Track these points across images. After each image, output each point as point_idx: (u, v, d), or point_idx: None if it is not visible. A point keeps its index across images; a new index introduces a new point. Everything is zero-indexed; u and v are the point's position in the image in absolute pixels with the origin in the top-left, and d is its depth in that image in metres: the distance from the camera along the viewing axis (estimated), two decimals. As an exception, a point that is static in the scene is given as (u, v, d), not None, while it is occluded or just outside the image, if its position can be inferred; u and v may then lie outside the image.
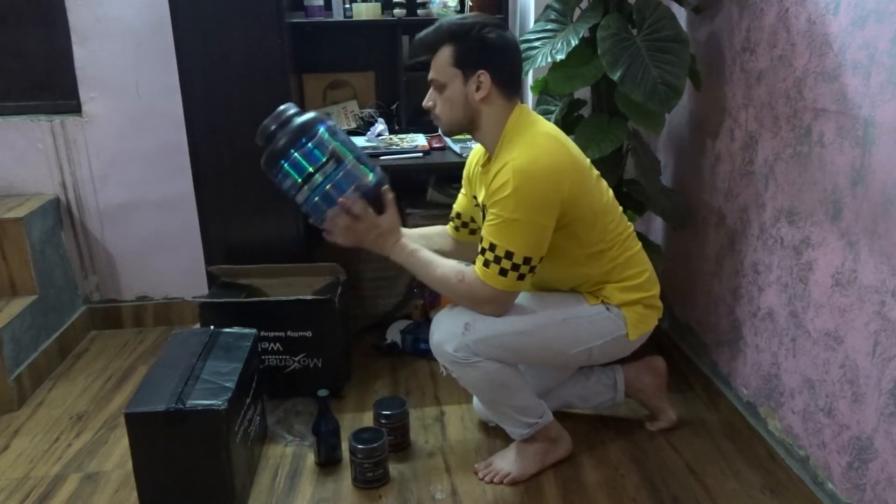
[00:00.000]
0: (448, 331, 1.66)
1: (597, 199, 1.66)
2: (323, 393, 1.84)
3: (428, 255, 1.68)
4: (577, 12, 2.07)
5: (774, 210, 1.78)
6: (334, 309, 2.10)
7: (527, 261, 1.55)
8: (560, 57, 1.92)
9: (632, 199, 2.26)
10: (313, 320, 2.09)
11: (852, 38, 1.47)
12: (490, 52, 1.60)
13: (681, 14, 2.18)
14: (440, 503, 1.73)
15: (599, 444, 1.94)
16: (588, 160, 1.71)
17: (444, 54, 1.62)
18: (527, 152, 1.55)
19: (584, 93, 2.20)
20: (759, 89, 1.83)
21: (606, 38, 1.90)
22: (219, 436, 1.60)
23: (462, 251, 1.91)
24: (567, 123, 2.14)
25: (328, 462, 1.86)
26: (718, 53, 2.03)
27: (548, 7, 2.08)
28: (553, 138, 1.62)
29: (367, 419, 2.01)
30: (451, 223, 1.96)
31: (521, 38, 2.07)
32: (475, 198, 1.80)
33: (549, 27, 2.04)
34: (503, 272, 1.56)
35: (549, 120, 2.10)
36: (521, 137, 1.59)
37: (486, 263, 1.57)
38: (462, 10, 2.48)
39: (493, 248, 1.56)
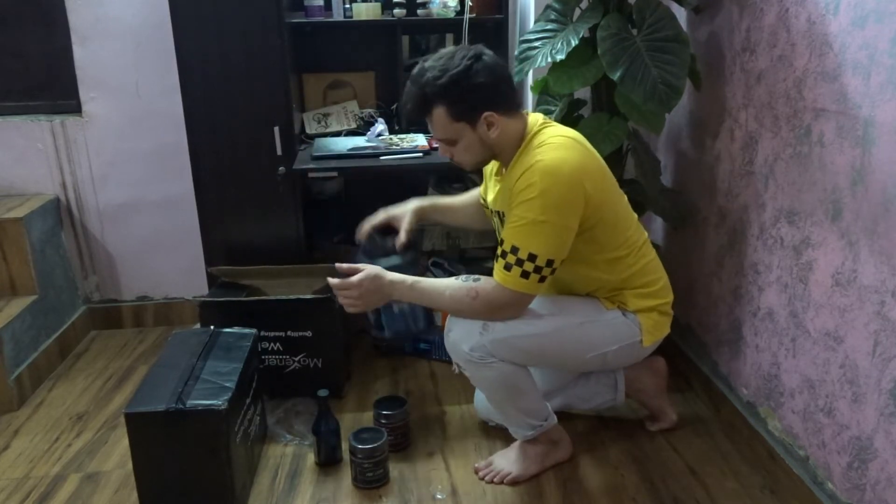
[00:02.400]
0: (465, 329, 1.65)
1: (617, 203, 1.66)
2: (323, 393, 1.84)
3: (429, 281, 1.66)
4: (577, 12, 2.06)
5: (774, 210, 1.78)
6: (334, 308, 2.09)
7: (549, 263, 1.54)
8: (560, 57, 1.92)
9: (632, 199, 2.25)
10: (313, 320, 2.09)
11: (852, 38, 1.47)
12: (485, 92, 1.55)
13: (681, 14, 2.18)
14: (440, 503, 1.73)
15: (599, 445, 1.94)
16: (613, 178, 1.71)
17: (440, 115, 1.56)
18: (552, 153, 1.54)
19: (584, 93, 2.20)
20: (759, 89, 1.83)
21: (606, 38, 1.90)
22: (219, 436, 1.60)
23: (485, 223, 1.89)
24: (567, 123, 2.11)
25: (328, 462, 1.86)
26: (718, 53, 2.03)
27: (548, 7, 2.08)
28: (574, 140, 1.61)
29: (367, 419, 2.01)
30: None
31: (521, 38, 2.07)
32: (484, 200, 1.79)
33: (549, 27, 2.04)
34: (525, 275, 1.54)
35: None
36: (543, 140, 1.58)
37: (507, 267, 1.55)
38: (462, 11, 2.48)
39: (515, 250, 1.54)
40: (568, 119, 2.16)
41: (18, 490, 1.82)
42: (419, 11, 2.52)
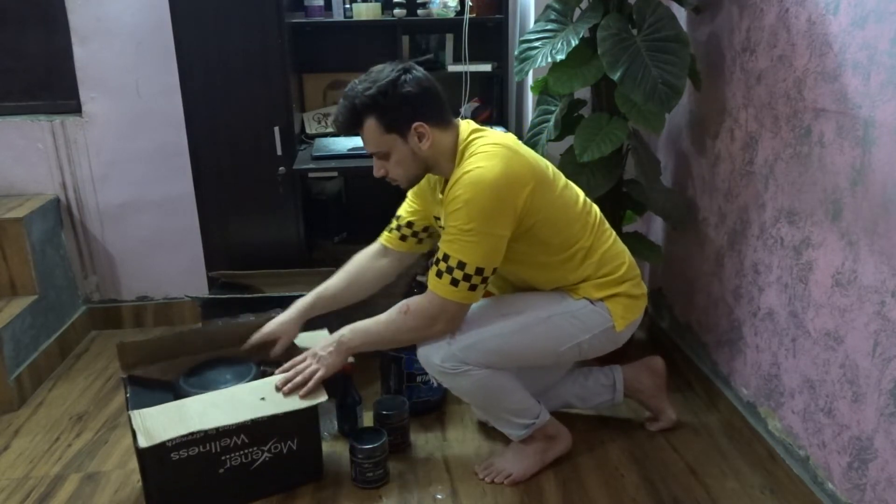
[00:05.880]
0: (433, 342, 1.66)
1: (560, 207, 1.64)
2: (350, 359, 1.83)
3: (365, 321, 1.68)
4: (577, 12, 2.07)
5: (774, 210, 1.78)
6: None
7: (479, 271, 1.55)
8: (560, 57, 1.92)
9: (632, 199, 2.26)
10: (315, 317, 2.08)
11: (852, 38, 1.47)
12: (415, 102, 1.57)
13: (681, 14, 2.18)
14: (440, 503, 1.73)
15: (599, 444, 1.94)
16: (551, 168, 1.69)
17: (371, 126, 1.58)
18: (478, 163, 1.54)
19: (584, 93, 2.20)
20: (759, 89, 1.83)
21: (606, 38, 1.90)
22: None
23: (398, 267, 1.92)
24: (567, 123, 2.14)
25: (350, 431, 1.86)
26: (718, 53, 2.03)
27: (548, 7, 2.08)
28: (505, 147, 1.58)
29: (367, 419, 2.01)
30: (393, 233, 1.87)
31: (521, 38, 2.08)
32: (437, 218, 1.78)
33: (549, 27, 2.04)
34: (455, 282, 1.55)
35: (548, 120, 2.12)
36: (473, 151, 1.58)
37: (438, 274, 1.57)
38: (462, 11, 2.48)
39: (446, 258, 1.55)
40: (568, 119, 2.16)
41: (18, 490, 1.82)
42: (419, 11, 2.52)
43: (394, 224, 1.88)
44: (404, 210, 1.87)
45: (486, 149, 1.56)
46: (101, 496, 1.79)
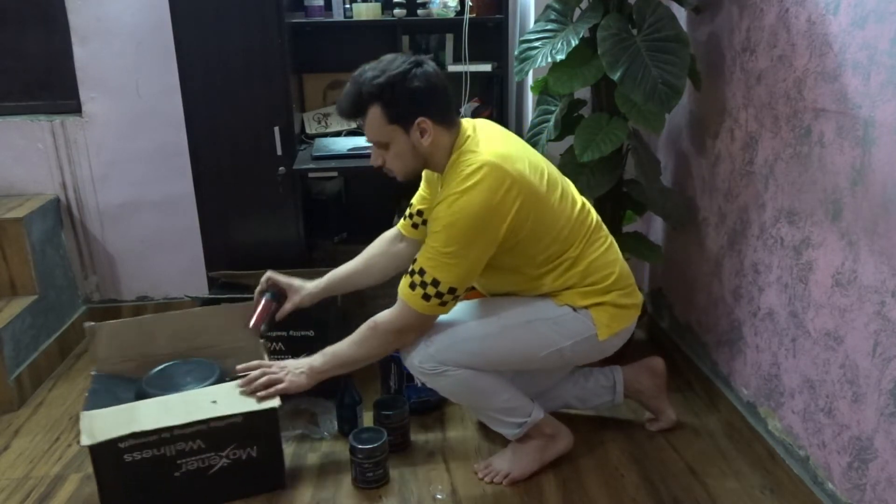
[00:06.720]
0: (412, 345, 1.67)
1: (550, 220, 1.62)
2: None
3: (330, 348, 1.69)
4: (577, 12, 2.07)
5: (774, 210, 1.78)
6: (337, 306, 2.09)
7: (451, 290, 1.56)
8: (560, 57, 1.92)
9: (632, 199, 2.26)
10: (315, 318, 2.09)
11: (852, 38, 1.47)
12: (421, 98, 1.55)
13: (681, 14, 2.18)
14: (440, 503, 1.73)
15: (599, 444, 1.94)
16: (546, 174, 1.65)
17: (375, 115, 1.56)
18: (464, 184, 1.52)
19: (584, 93, 2.20)
20: (759, 89, 1.83)
21: (606, 38, 1.90)
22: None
23: (414, 253, 1.88)
24: (567, 123, 2.14)
25: (350, 431, 1.86)
26: (718, 53, 2.03)
27: (548, 7, 2.08)
28: (493, 167, 1.51)
29: (367, 419, 2.01)
30: (406, 220, 1.90)
31: (521, 38, 2.08)
32: (414, 216, 1.82)
33: (549, 27, 2.04)
34: (426, 297, 1.56)
35: (548, 120, 2.11)
36: (460, 168, 1.55)
37: (412, 286, 1.57)
38: (462, 11, 2.48)
39: (422, 272, 1.56)
40: (568, 119, 2.16)
41: (18, 490, 1.82)
42: (419, 11, 2.52)
43: (407, 212, 1.90)
44: (416, 198, 1.88)
45: (473, 169, 1.52)
46: (101, 496, 1.79)
